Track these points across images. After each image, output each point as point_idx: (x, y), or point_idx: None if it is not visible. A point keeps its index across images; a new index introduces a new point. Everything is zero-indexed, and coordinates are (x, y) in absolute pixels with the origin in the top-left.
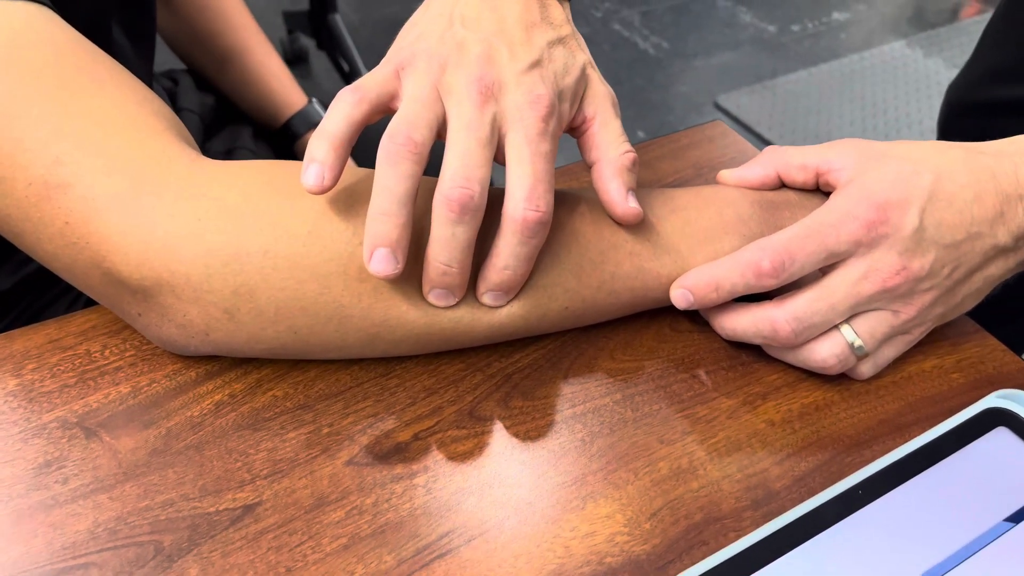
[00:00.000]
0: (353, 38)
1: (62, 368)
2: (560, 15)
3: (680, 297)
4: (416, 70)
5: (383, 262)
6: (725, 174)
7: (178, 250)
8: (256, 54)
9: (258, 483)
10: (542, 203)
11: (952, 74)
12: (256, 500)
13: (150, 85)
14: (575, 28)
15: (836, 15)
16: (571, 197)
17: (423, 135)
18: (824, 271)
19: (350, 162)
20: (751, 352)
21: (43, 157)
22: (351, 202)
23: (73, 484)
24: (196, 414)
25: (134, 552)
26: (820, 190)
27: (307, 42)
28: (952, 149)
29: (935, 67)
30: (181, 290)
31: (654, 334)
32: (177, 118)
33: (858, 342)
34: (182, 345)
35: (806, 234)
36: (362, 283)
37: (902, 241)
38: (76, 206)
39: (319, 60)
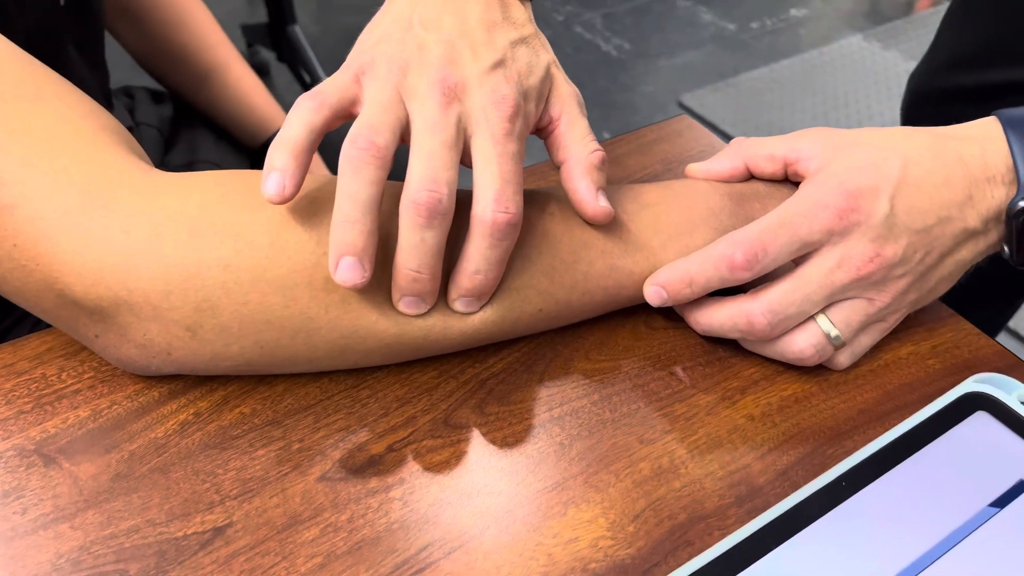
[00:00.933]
0: (314, 49)
1: (17, 394)
2: (522, 15)
3: (654, 294)
4: (377, 74)
5: (350, 271)
6: (693, 168)
7: (135, 267)
8: (234, 70)
9: (228, 504)
10: (511, 205)
11: (910, 66)
12: (226, 522)
13: (108, 100)
14: (538, 28)
15: (794, 11)
16: (540, 197)
17: (386, 139)
18: (797, 262)
19: (311, 168)
20: (727, 347)
21: None
22: (314, 210)
23: (32, 514)
24: (160, 435)
25: None
26: (789, 180)
27: (267, 55)
28: (919, 134)
29: (893, 59)
30: (140, 309)
31: (629, 332)
32: (126, 131)
33: (835, 332)
34: (143, 366)
35: (778, 225)
36: (329, 294)
37: (874, 228)
38: (24, 227)
39: (280, 73)
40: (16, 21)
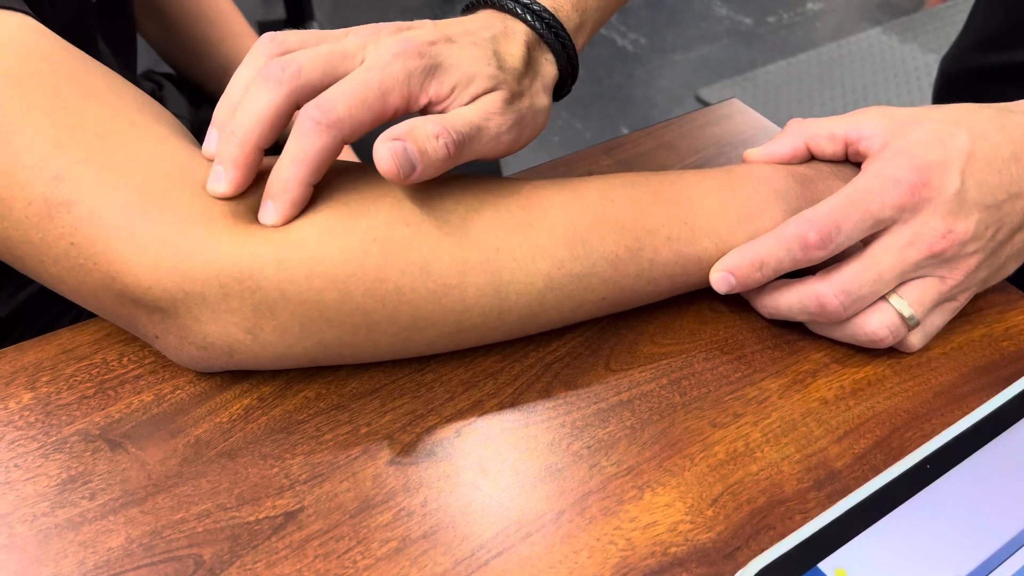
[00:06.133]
0: None
1: (79, 379)
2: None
3: (721, 280)
4: None
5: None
6: (753, 152)
7: (191, 269)
8: None
9: (298, 488)
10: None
11: (928, 59)
12: (297, 506)
13: None
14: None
15: (810, 5)
16: (601, 182)
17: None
18: (865, 242)
19: (350, 154)
20: (794, 330)
21: (42, 173)
22: (360, 201)
23: (101, 499)
24: (225, 420)
25: (173, 567)
26: (849, 161)
27: None
28: (983, 109)
29: (911, 53)
30: (199, 311)
31: (694, 316)
32: (179, 121)
33: (909, 311)
34: (205, 366)
35: (850, 202)
36: (382, 283)
37: (945, 204)
38: (81, 225)
39: None
40: (49, 18)
